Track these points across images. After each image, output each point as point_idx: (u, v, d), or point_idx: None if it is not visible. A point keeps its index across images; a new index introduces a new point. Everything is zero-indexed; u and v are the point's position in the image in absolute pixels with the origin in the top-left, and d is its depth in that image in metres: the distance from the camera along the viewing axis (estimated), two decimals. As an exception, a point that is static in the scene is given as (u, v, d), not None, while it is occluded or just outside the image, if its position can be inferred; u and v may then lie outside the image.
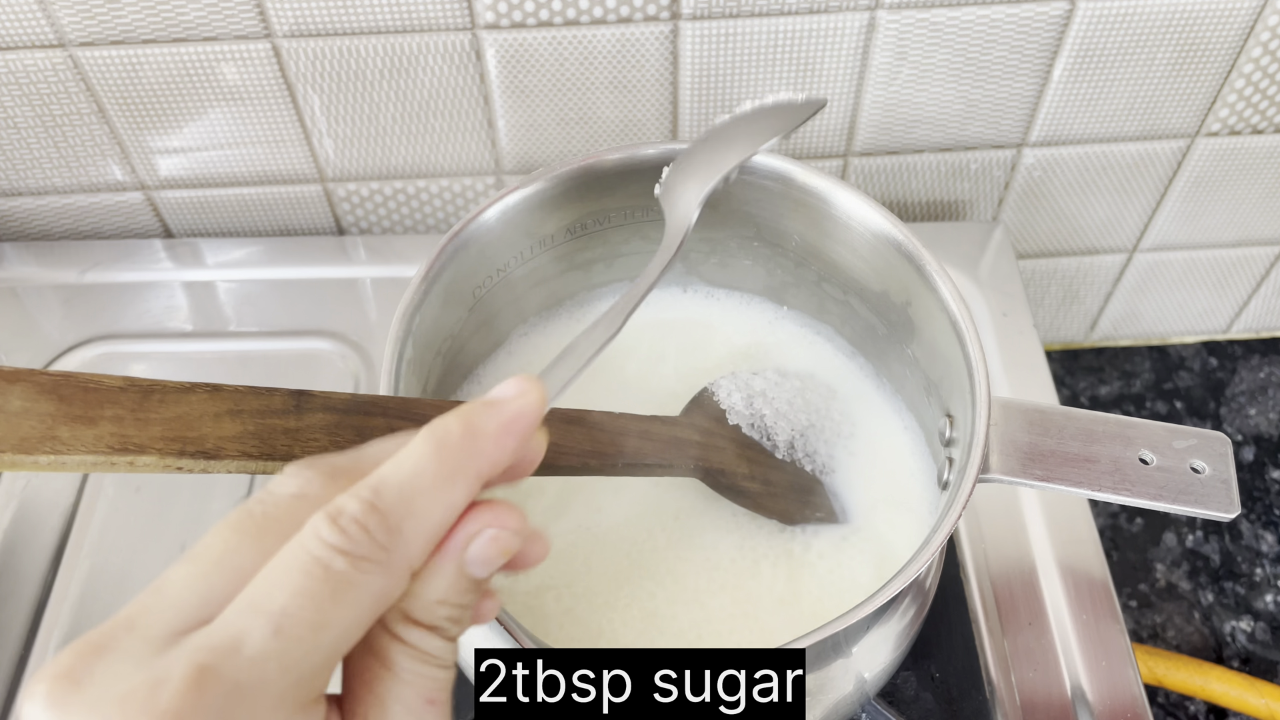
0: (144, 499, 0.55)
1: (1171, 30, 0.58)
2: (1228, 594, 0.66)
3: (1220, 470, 0.40)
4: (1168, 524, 0.69)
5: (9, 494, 0.55)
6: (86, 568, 0.52)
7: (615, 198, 0.47)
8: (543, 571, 0.44)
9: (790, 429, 0.47)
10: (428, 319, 0.42)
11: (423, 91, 0.59)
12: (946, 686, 0.49)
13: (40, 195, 0.64)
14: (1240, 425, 0.74)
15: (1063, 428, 0.41)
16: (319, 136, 0.61)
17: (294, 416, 0.32)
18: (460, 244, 0.43)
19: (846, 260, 0.47)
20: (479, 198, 0.66)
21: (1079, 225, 0.70)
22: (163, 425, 0.29)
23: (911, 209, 0.68)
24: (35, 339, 0.61)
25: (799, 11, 0.56)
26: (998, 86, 0.60)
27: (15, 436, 0.27)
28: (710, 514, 0.46)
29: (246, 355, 0.61)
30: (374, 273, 0.65)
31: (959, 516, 0.36)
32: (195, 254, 0.66)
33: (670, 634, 0.42)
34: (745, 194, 0.47)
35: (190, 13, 0.54)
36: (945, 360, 0.42)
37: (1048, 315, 0.77)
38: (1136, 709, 0.48)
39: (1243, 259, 0.73)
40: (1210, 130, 0.63)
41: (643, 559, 0.44)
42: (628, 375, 0.50)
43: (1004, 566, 0.53)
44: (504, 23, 0.55)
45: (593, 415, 0.40)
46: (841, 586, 0.44)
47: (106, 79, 0.58)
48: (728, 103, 0.60)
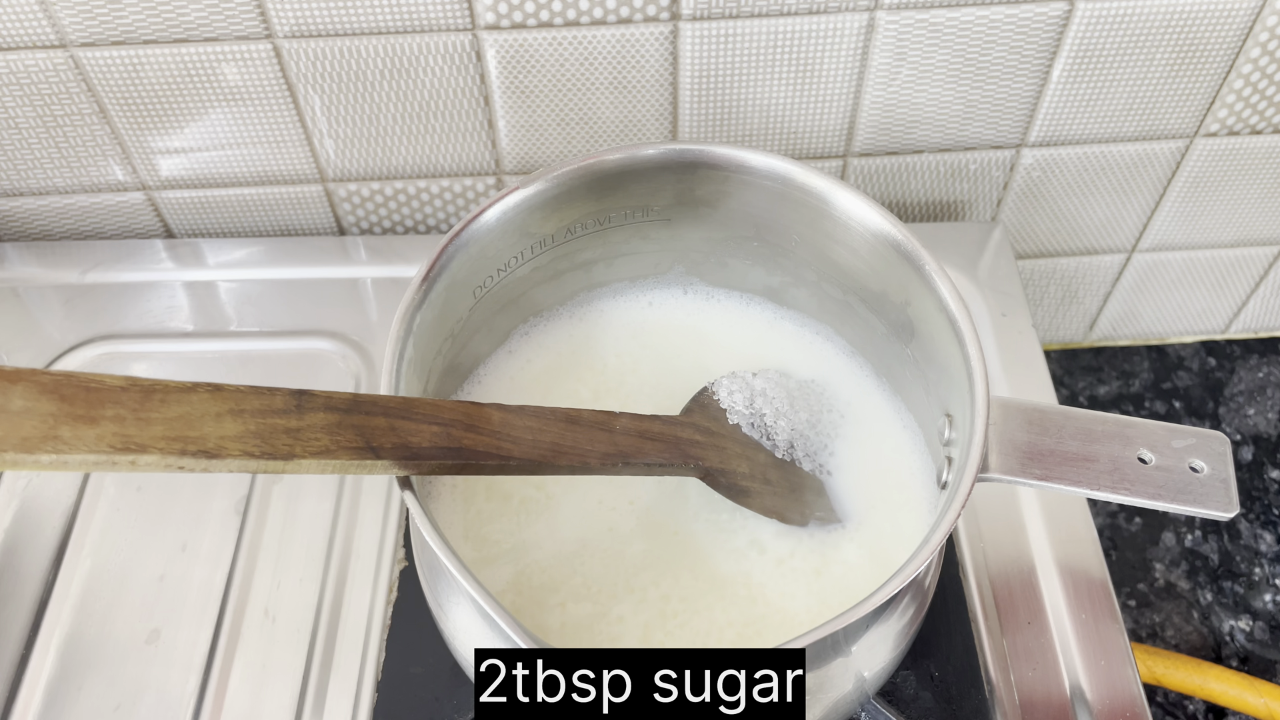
0: (145, 499, 0.55)
1: (1170, 31, 0.58)
2: (1226, 593, 0.66)
3: (1219, 469, 0.40)
4: (1167, 523, 0.69)
5: (10, 493, 0.55)
6: (87, 567, 0.52)
7: (615, 198, 0.47)
8: (543, 571, 0.44)
9: (790, 429, 0.47)
10: (428, 319, 0.42)
11: (423, 92, 0.59)
12: (946, 685, 0.49)
13: (41, 195, 0.65)
14: (1239, 425, 0.74)
15: (1061, 427, 0.41)
16: (320, 137, 0.61)
17: (295, 416, 0.32)
18: (461, 244, 0.43)
19: (846, 260, 0.47)
20: (479, 198, 0.66)
21: (1078, 225, 0.70)
22: (164, 425, 0.29)
23: (911, 209, 0.68)
24: (36, 339, 0.61)
25: (799, 12, 0.56)
26: (997, 87, 0.60)
27: (17, 436, 0.27)
28: (710, 513, 0.46)
29: (247, 355, 0.61)
30: (374, 273, 0.65)
31: (958, 516, 0.36)
32: (196, 254, 0.66)
33: (669, 634, 0.43)
34: (745, 194, 0.47)
35: (191, 13, 0.54)
36: (944, 360, 0.42)
37: (1047, 315, 0.77)
38: (1135, 708, 0.48)
39: (1241, 259, 0.73)
40: (1209, 131, 0.64)
41: (642, 558, 0.44)
42: (628, 375, 0.50)
43: (1003, 566, 0.53)
44: (504, 23, 0.55)
45: (593, 415, 0.40)
46: (841, 586, 0.44)
47: (108, 79, 0.58)
48: (728, 103, 0.60)
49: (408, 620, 0.51)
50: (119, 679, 0.49)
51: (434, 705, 0.48)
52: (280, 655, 0.50)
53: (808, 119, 0.62)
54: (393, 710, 0.48)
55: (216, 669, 0.49)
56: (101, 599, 0.51)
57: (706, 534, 0.45)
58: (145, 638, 0.50)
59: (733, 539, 0.45)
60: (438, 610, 0.42)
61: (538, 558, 0.44)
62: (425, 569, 0.43)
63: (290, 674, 0.49)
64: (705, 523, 0.46)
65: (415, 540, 0.45)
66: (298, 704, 0.48)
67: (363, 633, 0.51)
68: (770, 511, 0.45)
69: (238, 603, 0.51)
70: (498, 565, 0.44)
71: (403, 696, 0.48)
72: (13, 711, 0.48)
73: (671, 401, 0.47)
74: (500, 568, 0.44)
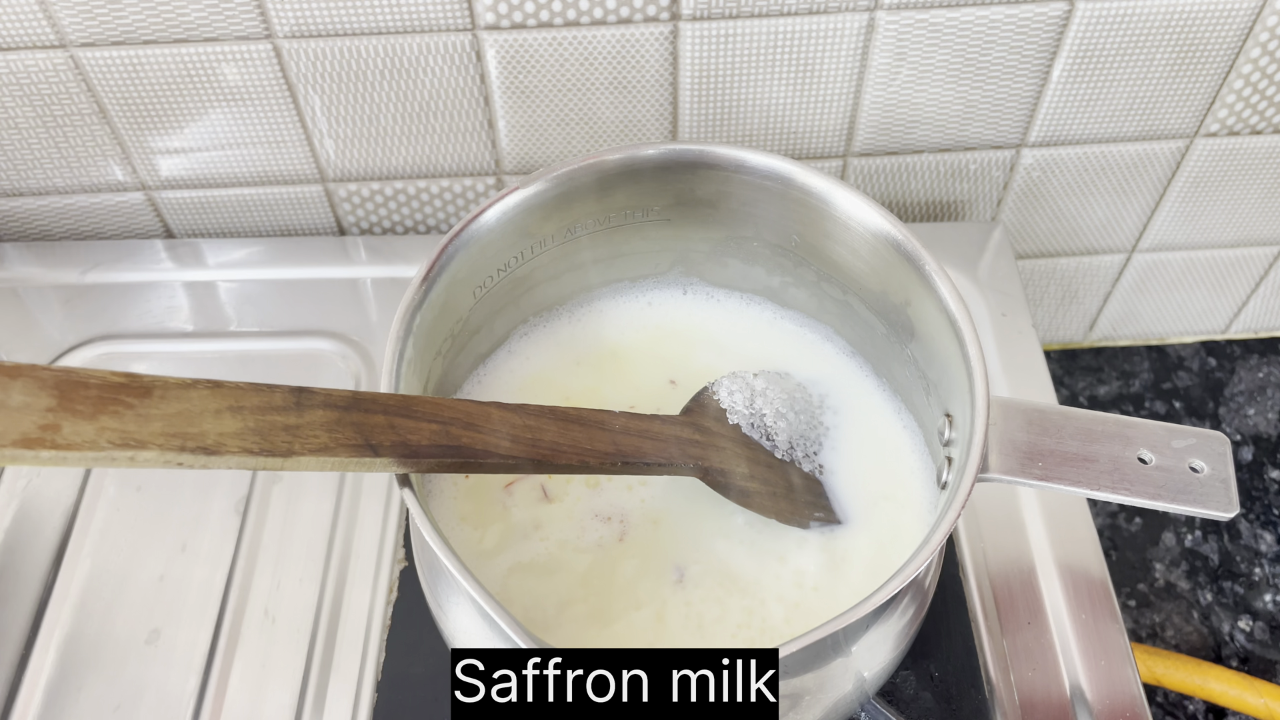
0: (145, 499, 0.55)
1: (1170, 31, 0.58)
2: (1226, 593, 0.66)
3: (1219, 470, 0.40)
4: (1166, 524, 0.69)
5: (10, 493, 0.55)
6: (87, 567, 0.52)
7: (615, 198, 0.47)
8: (542, 571, 0.44)
9: (790, 429, 0.47)
10: (428, 319, 0.42)
11: (423, 92, 0.59)
12: (946, 685, 0.49)
13: (41, 195, 0.65)
14: (1239, 425, 0.74)
15: (1061, 427, 0.41)
16: (320, 137, 0.61)
17: (294, 413, 0.32)
18: (460, 244, 0.43)
19: (846, 260, 0.47)
20: (479, 198, 0.66)
21: (1078, 225, 0.70)
22: (163, 421, 0.29)
23: (910, 209, 0.68)
24: (36, 339, 0.61)
25: (799, 12, 0.56)
26: (997, 87, 0.60)
27: (16, 431, 0.27)
28: (710, 513, 0.46)
29: (247, 355, 0.61)
30: (375, 273, 0.65)
31: (958, 516, 0.36)
32: (196, 254, 0.66)
33: (668, 634, 0.43)
34: (745, 194, 0.47)
35: (191, 13, 0.54)
36: (944, 360, 0.42)
37: (1046, 315, 0.77)
38: (1135, 708, 0.48)
39: (1241, 259, 0.73)
40: (1209, 131, 0.64)
41: (641, 559, 0.44)
42: (628, 375, 0.50)
43: (1003, 566, 0.53)
44: (504, 24, 0.56)
45: (593, 414, 0.40)
46: (840, 585, 0.44)
47: (108, 79, 0.58)
48: (728, 103, 0.60)
49: (408, 620, 0.51)
50: (119, 679, 0.49)
51: (434, 705, 0.48)
52: (280, 655, 0.50)
53: (808, 119, 0.62)
54: (393, 710, 0.48)
55: (216, 669, 0.49)
56: (101, 599, 0.51)
57: (706, 534, 0.45)
58: (145, 638, 0.50)
59: (732, 539, 0.45)
60: (438, 610, 0.42)
61: (538, 558, 0.44)
62: (425, 569, 0.43)
63: (290, 674, 0.49)
64: (704, 523, 0.46)
65: (415, 540, 0.45)
66: (298, 704, 0.48)
67: (363, 633, 0.51)
68: (770, 511, 0.45)
69: (238, 603, 0.51)
70: (497, 565, 0.44)
71: (403, 696, 0.48)
72: (13, 711, 0.48)
73: (671, 401, 0.47)
74: (500, 568, 0.44)
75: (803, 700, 0.38)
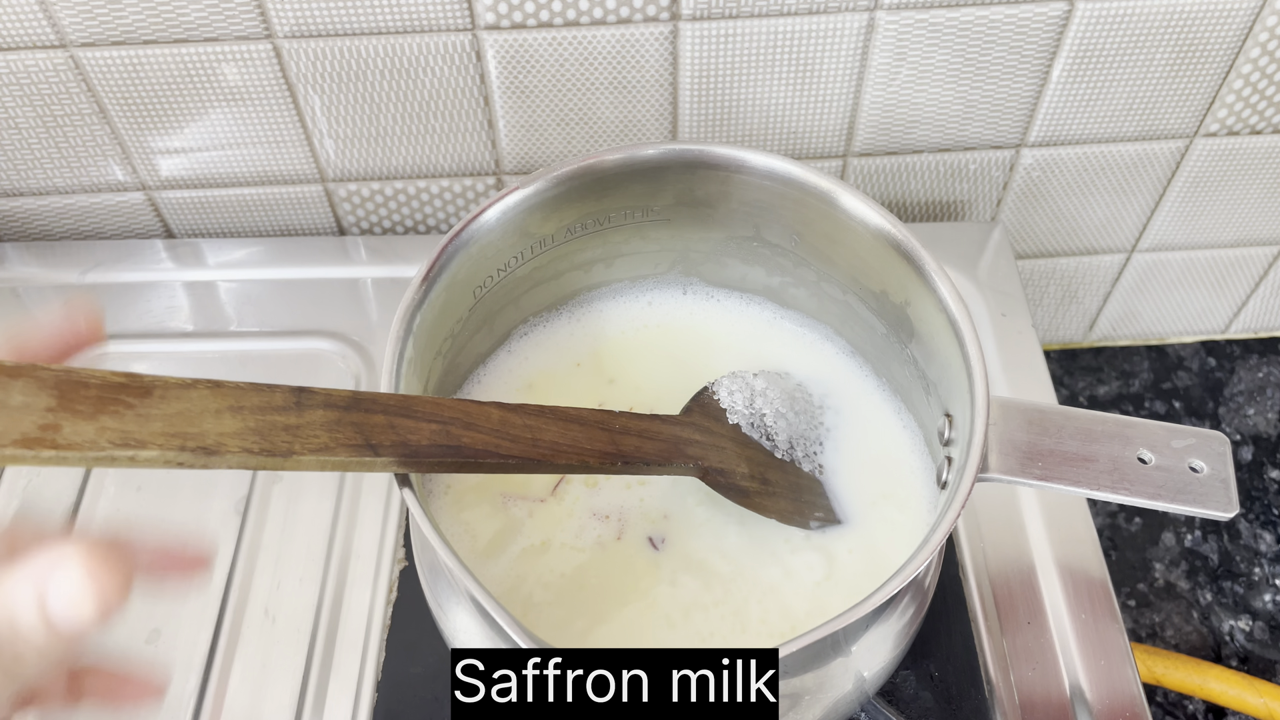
0: (145, 499, 0.55)
1: (1170, 31, 0.58)
2: (1226, 593, 0.66)
3: (1219, 469, 0.40)
4: (1166, 523, 0.69)
5: (10, 493, 0.55)
6: (87, 567, 0.52)
7: (615, 198, 0.47)
8: (542, 570, 0.44)
9: (790, 429, 0.47)
10: (428, 319, 0.42)
11: (423, 92, 0.59)
12: (945, 685, 0.49)
13: (41, 195, 0.65)
14: (1239, 425, 0.74)
15: (1061, 427, 0.41)
16: (320, 137, 0.61)
17: (295, 413, 0.32)
18: (460, 244, 0.43)
19: (846, 260, 0.47)
20: (479, 198, 0.66)
21: (1077, 225, 0.70)
22: (164, 421, 0.29)
23: (910, 209, 0.68)
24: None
25: (798, 12, 0.56)
26: (996, 87, 0.60)
27: (16, 431, 0.27)
28: (710, 513, 0.46)
29: (247, 355, 0.61)
30: (374, 273, 0.65)
31: (958, 516, 0.36)
32: (196, 254, 0.66)
33: (668, 633, 0.43)
34: (745, 194, 0.47)
35: (191, 13, 0.55)
36: (944, 360, 0.42)
37: (1046, 315, 0.77)
38: (1135, 708, 0.48)
39: (1241, 259, 0.73)
40: (1209, 131, 0.64)
41: (641, 560, 0.44)
42: (628, 375, 0.50)
43: (1003, 566, 0.53)
44: (504, 23, 0.56)
45: (593, 414, 0.40)
46: (840, 585, 0.44)
47: (108, 79, 0.58)
48: (728, 103, 0.60)
49: (408, 620, 0.51)
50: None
51: (434, 705, 0.48)
52: (280, 655, 0.50)
53: (807, 119, 0.62)
54: (393, 710, 0.48)
55: (216, 669, 0.49)
56: (101, 599, 0.51)
57: (705, 535, 0.45)
58: (145, 638, 0.50)
59: (731, 539, 0.45)
60: (438, 610, 0.42)
61: (538, 558, 0.44)
62: (425, 569, 0.43)
63: (290, 674, 0.49)
64: (704, 523, 0.46)
65: (415, 540, 0.45)
66: (298, 704, 0.48)
67: (363, 633, 0.51)
68: (770, 511, 0.45)
69: (238, 603, 0.51)
70: (497, 564, 0.44)
71: (403, 696, 0.48)
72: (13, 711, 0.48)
73: (671, 401, 0.47)
74: (500, 567, 0.44)
75: (803, 700, 0.38)
